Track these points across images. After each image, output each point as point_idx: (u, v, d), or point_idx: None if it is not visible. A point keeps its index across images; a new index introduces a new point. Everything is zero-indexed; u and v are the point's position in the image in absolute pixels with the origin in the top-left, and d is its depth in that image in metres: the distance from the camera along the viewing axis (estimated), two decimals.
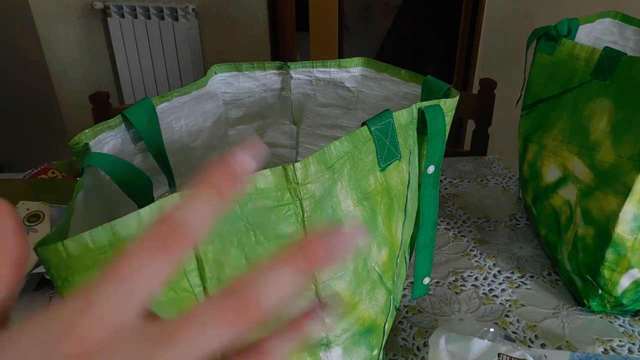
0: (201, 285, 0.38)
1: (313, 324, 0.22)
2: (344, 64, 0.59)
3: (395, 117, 0.42)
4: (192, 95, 0.56)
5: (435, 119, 0.45)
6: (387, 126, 0.41)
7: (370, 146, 0.41)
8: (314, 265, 0.19)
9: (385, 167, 0.43)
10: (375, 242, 0.44)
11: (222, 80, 0.59)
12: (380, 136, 0.41)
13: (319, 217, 0.38)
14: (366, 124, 0.40)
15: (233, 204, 0.35)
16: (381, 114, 0.41)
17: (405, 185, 0.46)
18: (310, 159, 0.36)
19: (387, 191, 0.44)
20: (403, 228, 0.49)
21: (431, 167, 0.48)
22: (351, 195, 0.41)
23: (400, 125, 0.43)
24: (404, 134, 0.44)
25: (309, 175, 0.36)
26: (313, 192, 0.37)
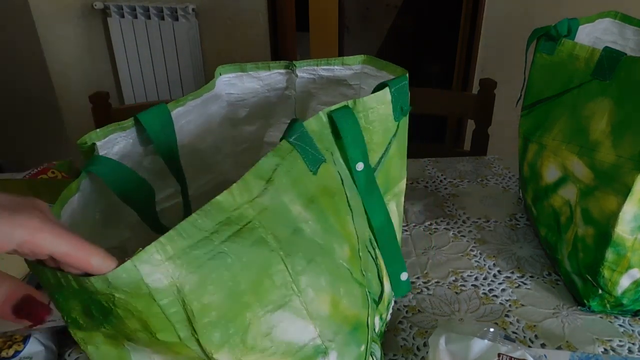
0: (192, 336, 0.35)
1: None
2: (347, 61, 0.60)
3: (306, 125, 0.43)
4: (202, 98, 0.56)
5: (345, 120, 0.46)
6: (302, 135, 0.42)
7: (296, 154, 0.42)
8: None
9: (316, 171, 0.44)
10: (335, 240, 0.45)
11: (227, 81, 0.59)
12: (301, 144, 0.42)
13: (280, 228, 0.39)
14: (285, 139, 0.41)
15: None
16: (292, 126, 0.42)
17: (340, 183, 0.47)
18: (247, 175, 0.37)
19: (327, 191, 0.45)
20: (354, 222, 0.49)
21: (359, 164, 0.49)
22: (298, 202, 0.41)
23: (314, 132, 0.44)
24: (321, 139, 0.45)
25: (252, 190, 0.37)
26: (265, 205, 0.38)
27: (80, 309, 0.34)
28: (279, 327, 0.40)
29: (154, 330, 0.34)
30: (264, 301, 0.38)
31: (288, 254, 0.39)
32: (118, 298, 0.31)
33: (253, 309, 0.38)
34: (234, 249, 0.36)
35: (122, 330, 0.34)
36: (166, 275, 0.32)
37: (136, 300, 0.32)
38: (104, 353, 0.38)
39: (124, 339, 0.37)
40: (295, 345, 0.41)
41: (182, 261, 0.33)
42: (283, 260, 0.39)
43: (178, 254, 0.33)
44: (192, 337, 0.35)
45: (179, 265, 0.33)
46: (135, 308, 0.32)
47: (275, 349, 0.40)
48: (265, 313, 0.39)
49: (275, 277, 0.39)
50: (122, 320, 0.33)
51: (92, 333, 0.37)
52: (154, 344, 0.36)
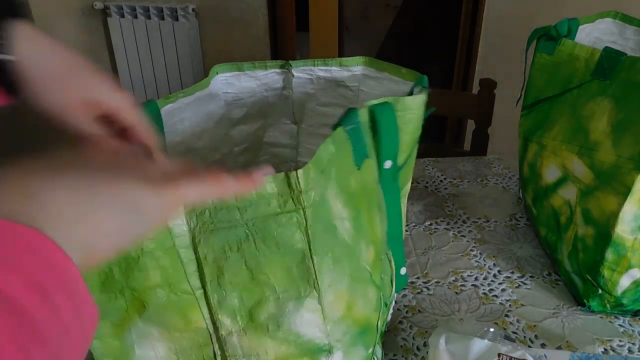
0: (201, 288, 0.38)
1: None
2: (345, 62, 0.59)
3: (360, 115, 0.42)
4: (196, 96, 0.56)
5: (385, 116, 0.45)
6: (357, 125, 0.42)
7: (348, 147, 0.41)
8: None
9: (360, 166, 0.43)
10: (363, 241, 0.44)
11: (224, 80, 0.59)
12: (355, 135, 0.42)
13: (317, 224, 0.38)
14: (340, 126, 0.40)
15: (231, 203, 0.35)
16: (349, 114, 0.41)
17: (376, 182, 0.47)
18: (310, 165, 0.36)
19: (365, 190, 0.44)
20: (380, 224, 0.49)
21: (388, 162, 0.49)
22: (340, 198, 0.41)
23: (364, 124, 0.43)
24: (367, 132, 0.45)
25: (310, 181, 0.36)
26: (314, 199, 0.37)
27: (97, 281, 0.36)
28: (290, 316, 0.40)
29: (172, 281, 0.36)
30: (282, 287, 0.39)
31: (317, 252, 0.39)
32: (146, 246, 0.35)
33: (270, 289, 0.38)
34: (259, 228, 0.37)
35: (142, 290, 0.36)
36: (186, 225, 0.36)
37: (160, 248, 0.35)
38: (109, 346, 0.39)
39: (136, 313, 0.38)
40: (302, 337, 0.41)
41: (200, 219, 0.36)
42: (311, 257, 0.39)
43: (200, 211, 0.36)
44: (202, 293, 0.38)
45: (198, 221, 0.36)
46: (159, 255, 0.36)
47: (281, 334, 0.40)
48: (280, 298, 0.39)
49: (298, 270, 0.39)
50: (146, 273, 0.35)
51: (100, 323, 0.37)
52: (168, 310, 0.37)
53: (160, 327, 0.39)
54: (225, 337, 0.40)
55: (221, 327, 0.40)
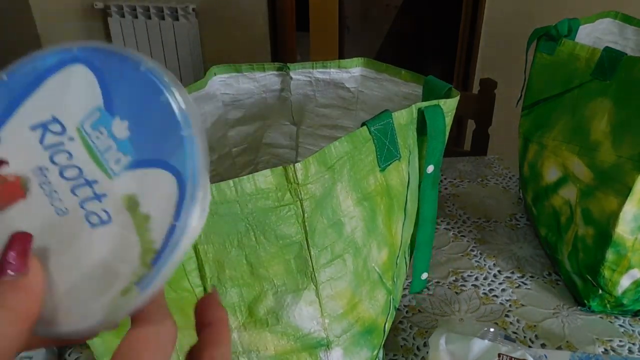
0: (201, 285, 0.38)
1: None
2: (343, 64, 0.59)
3: (395, 117, 0.42)
4: (192, 96, 0.56)
5: (435, 119, 0.45)
6: (386, 126, 0.41)
7: (370, 146, 0.41)
8: None
9: (385, 168, 0.43)
10: (375, 242, 0.44)
11: (222, 81, 0.59)
12: (380, 136, 0.41)
13: (319, 217, 0.38)
14: (366, 125, 0.40)
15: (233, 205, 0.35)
16: (381, 115, 0.41)
17: (405, 186, 0.46)
18: (311, 159, 0.36)
19: (387, 191, 0.44)
20: (403, 228, 0.49)
21: (430, 167, 0.48)
22: (351, 196, 0.41)
23: (400, 126, 0.43)
24: (404, 134, 0.44)
25: (309, 175, 0.36)
26: (313, 193, 0.37)
27: None
28: (289, 309, 0.40)
29: (171, 279, 0.36)
30: (280, 281, 0.39)
31: (315, 245, 0.39)
32: None
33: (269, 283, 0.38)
34: (259, 222, 0.36)
35: None
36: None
37: None
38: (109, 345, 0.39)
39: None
40: (301, 331, 0.41)
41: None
42: (308, 249, 0.39)
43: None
44: (202, 290, 0.37)
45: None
46: None
47: (280, 328, 0.40)
48: (279, 292, 0.39)
49: (295, 262, 0.39)
50: None
51: None
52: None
53: None
54: None
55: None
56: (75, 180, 0.21)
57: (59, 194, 0.21)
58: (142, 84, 0.21)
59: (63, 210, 0.21)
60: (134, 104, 0.21)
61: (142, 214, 0.20)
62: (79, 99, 0.21)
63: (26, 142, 0.21)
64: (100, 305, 0.20)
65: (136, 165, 0.20)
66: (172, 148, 0.20)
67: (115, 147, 0.21)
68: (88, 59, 0.21)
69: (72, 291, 0.20)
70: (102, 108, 0.21)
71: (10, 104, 0.21)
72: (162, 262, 0.19)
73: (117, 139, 0.21)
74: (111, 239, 0.20)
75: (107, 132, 0.21)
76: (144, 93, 0.21)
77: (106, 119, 0.21)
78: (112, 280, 0.20)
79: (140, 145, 0.20)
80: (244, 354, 0.41)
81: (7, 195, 0.21)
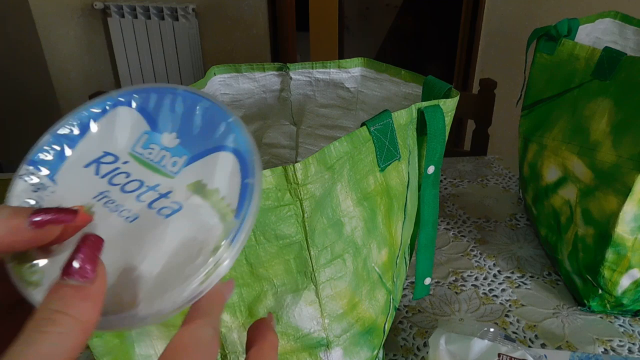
0: None
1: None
2: (343, 64, 0.59)
3: (395, 117, 0.42)
4: None
5: (435, 119, 0.45)
6: (386, 126, 0.41)
7: (370, 146, 0.41)
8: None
9: (384, 168, 0.43)
10: (375, 242, 0.44)
11: (222, 81, 0.59)
12: (380, 136, 0.41)
13: (319, 217, 0.38)
14: (365, 125, 0.40)
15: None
16: (380, 115, 0.41)
17: (405, 186, 0.46)
18: (311, 160, 0.36)
19: (387, 191, 0.44)
20: (403, 228, 0.49)
21: (431, 167, 0.48)
22: (351, 196, 0.41)
23: (400, 126, 0.43)
24: (404, 134, 0.44)
25: (309, 175, 0.36)
26: (313, 193, 0.37)
27: None
28: (288, 309, 0.40)
29: None
30: (280, 281, 0.39)
31: (315, 245, 0.39)
32: None
33: (269, 283, 0.38)
34: (260, 222, 0.36)
35: None
36: None
37: None
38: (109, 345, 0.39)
39: None
40: (300, 331, 0.41)
41: None
42: (308, 249, 0.39)
43: None
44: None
45: None
46: None
47: (280, 328, 0.40)
48: (278, 292, 0.39)
49: (295, 262, 0.39)
50: None
51: None
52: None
53: (160, 325, 0.39)
54: (225, 333, 0.40)
55: (220, 324, 0.40)
56: (137, 190, 0.24)
57: (124, 206, 0.23)
58: (181, 101, 0.25)
59: (133, 217, 0.23)
60: (176, 118, 0.25)
61: (211, 189, 0.23)
62: (126, 132, 0.25)
63: (82, 178, 0.24)
64: (195, 271, 0.21)
65: (193, 160, 0.24)
66: (225, 133, 0.24)
67: (169, 155, 0.24)
68: (127, 99, 0.26)
69: (164, 273, 0.22)
70: (149, 130, 0.25)
71: (60, 155, 0.25)
72: (244, 214, 0.22)
73: (169, 148, 0.25)
74: (188, 219, 0.23)
75: (158, 147, 0.25)
76: (185, 107, 0.25)
77: (154, 137, 0.25)
78: (201, 248, 0.22)
79: (192, 144, 0.24)
80: (244, 354, 0.41)
81: (76, 222, 0.22)
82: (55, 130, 0.25)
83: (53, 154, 0.25)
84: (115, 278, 0.22)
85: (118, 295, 0.21)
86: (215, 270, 0.21)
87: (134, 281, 0.21)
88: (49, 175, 0.24)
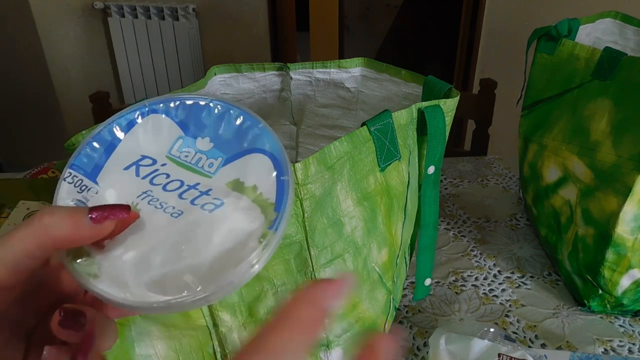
0: None
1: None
2: (343, 64, 0.59)
3: (395, 117, 0.42)
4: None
5: (435, 119, 0.45)
6: (386, 126, 0.41)
7: (370, 146, 0.41)
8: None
9: (384, 168, 0.43)
10: (375, 242, 0.44)
11: (222, 81, 0.59)
12: (380, 136, 0.41)
13: (319, 217, 0.38)
14: (365, 125, 0.40)
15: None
16: (380, 115, 0.41)
17: (405, 186, 0.46)
18: (311, 159, 0.36)
19: (387, 191, 0.44)
20: (403, 228, 0.48)
21: (431, 167, 0.48)
22: (351, 196, 0.41)
23: (400, 126, 0.43)
24: (404, 134, 0.44)
25: (309, 175, 0.36)
26: (313, 193, 0.37)
27: None
28: None
29: None
30: (280, 280, 0.39)
31: (315, 244, 0.39)
32: None
33: (269, 283, 0.38)
34: None
35: None
36: None
37: None
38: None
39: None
40: None
41: None
42: (308, 249, 0.39)
43: None
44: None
45: None
46: None
47: None
48: (279, 292, 0.39)
49: (295, 262, 0.39)
50: None
51: None
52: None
53: (160, 325, 0.39)
54: (225, 333, 0.40)
55: (221, 324, 0.40)
56: (179, 189, 0.26)
57: (168, 203, 0.25)
58: (212, 109, 0.27)
59: (178, 213, 0.25)
60: (208, 124, 0.27)
61: (249, 186, 0.25)
62: (161, 137, 0.27)
63: (123, 179, 0.26)
64: (247, 255, 0.23)
65: (229, 161, 0.26)
66: (255, 137, 0.26)
67: (205, 157, 0.27)
68: (159, 107, 0.28)
69: (217, 259, 0.23)
70: (183, 136, 0.27)
71: (100, 159, 0.27)
72: (283, 206, 0.24)
73: (204, 152, 0.27)
74: (231, 212, 0.25)
75: (194, 150, 0.27)
76: (216, 115, 0.27)
77: (189, 142, 0.27)
78: (249, 236, 0.24)
79: (226, 148, 0.27)
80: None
81: (124, 219, 0.24)
82: (92, 137, 0.27)
83: (93, 158, 0.27)
84: (170, 267, 0.23)
85: (175, 281, 0.23)
86: (263, 255, 0.23)
87: (189, 268, 0.23)
88: (92, 178, 0.26)
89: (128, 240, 0.25)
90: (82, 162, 0.27)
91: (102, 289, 0.23)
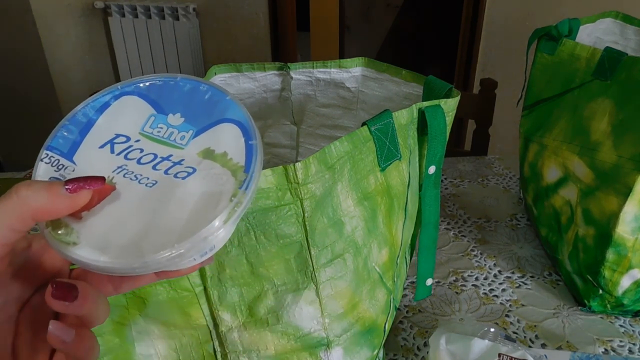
0: (201, 285, 0.38)
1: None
2: (344, 64, 0.59)
3: (395, 117, 0.42)
4: None
5: (436, 119, 0.45)
6: (387, 126, 0.41)
7: (371, 146, 0.41)
8: None
9: (385, 167, 0.42)
10: (375, 242, 0.44)
11: (222, 81, 0.59)
12: (380, 136, 0.41)
13: (319, 217, 0.38)
14: (366, 124, 0.40)
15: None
16: (381, 114, 0.41)
17: (405, 186, 0.46)
18: (311, 159, 0.36)
19: (388, 191, 0.44)
20: (404, 228, 0.48)
21: (432, 167, 0.48)
22: (351, 196, 0.41)
23: (400, 126, 0.43)
24: (404, 134, 0.44)
25: (309, 175, 0.36)
26: (314, 192, 0.37)
27: None
28: (289, 308, 0.40)
29: (172, 279, 0.36)
30: (280, 280, 0.39)
31: (315, 244, 0.39)
32: None
33: (269, 282, 0.38)
34: (260, 221, 0.36)
35: (142, 287, 0.36)
36: None
37: None
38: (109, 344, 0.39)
39: (136, 311, 0.38)
40: (301, 330, 0.41)
41: None
42: (309, 249, 0.39)
43: None
44: (202, 290, 0.38)
45: None
46: None
47: (281, 328, 0.40)
48: (279, 291, 0.39)
49: (295, 262, 0.39)
50: None
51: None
52: (168, 307, 0.37)
53: (160, 324, 0.39)
54: (225, 333, 0.40)
55: (221, 324, 0.40)
56: (152, 161, 0.27)
57: (143, 175, 0.27)
58: (181, 87, 0.29)
59: (152, 183, 0.26)
60: (178, 101, 0.29)
61: (219, 153, 0.27)
62: (134, 116, 0.29)
63: (99, 157, 0.27)
64: (218, 213, 0.25)
65: (199, 132, 0.28)
66: (224, 109, 0.28)
67: (176, 131, 0.28)
68: (130, 89, 0.29)
69: (191, 219, 0.25)
70: (155, 113, 0.29)
71: (75, 140, 0.28)
72: (252, 167, 0.26)
73: (175, 126, 0.28)
74: (203, 178, 0.26)
75: (166, 126, 0.28)
76: (186, 92, 0.29)
77: (161, 118, 0.29)
78: (220, 196, 0.25)
79: (196, 121, 0.28)
80: (244, 354, 0.41)
81: (99, 192, 0.25)
82: (68, 119, 0.29)
83: (68, 139, 0.28)
84: (146, 230, 0.25)
85: (151, 242, 0.24)
86: (235, 212, 0.25)
87: (165, 229, 0.25)
88: (68, 157, 0.27)
89: (105, 209, 0.26)
90: (58, 144, 0.28)
91: (81, 255, 0.24)
